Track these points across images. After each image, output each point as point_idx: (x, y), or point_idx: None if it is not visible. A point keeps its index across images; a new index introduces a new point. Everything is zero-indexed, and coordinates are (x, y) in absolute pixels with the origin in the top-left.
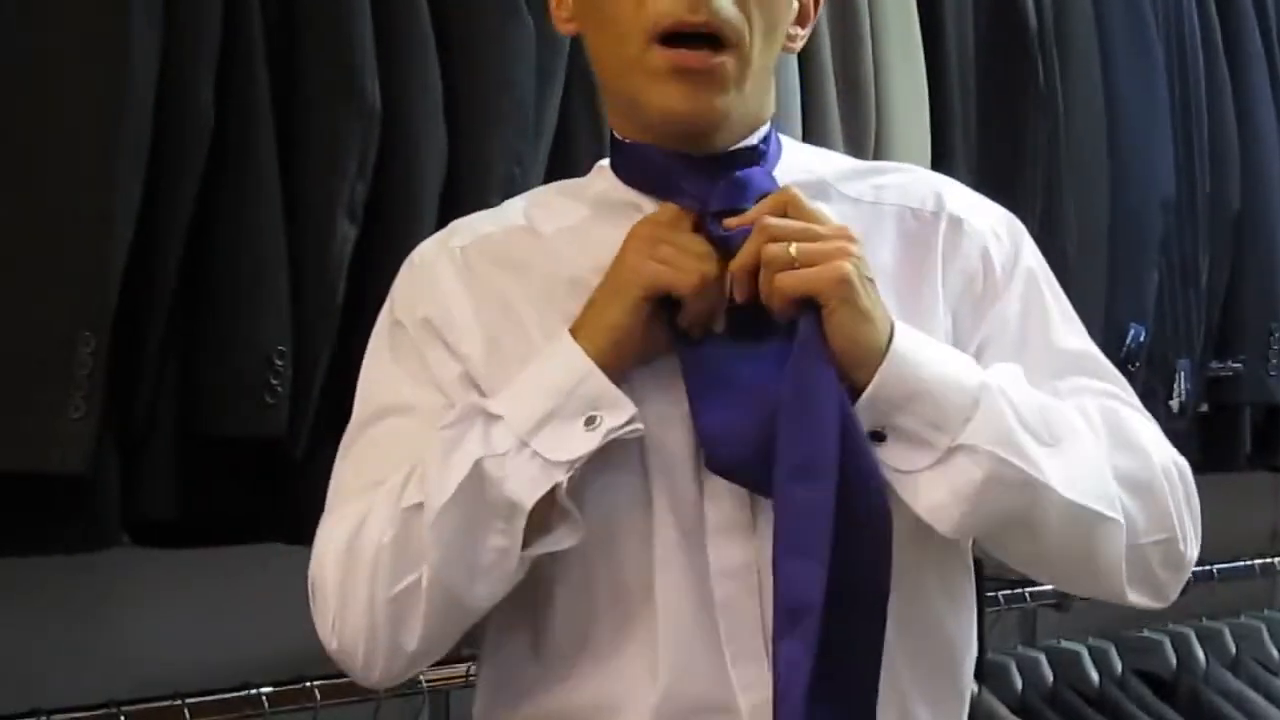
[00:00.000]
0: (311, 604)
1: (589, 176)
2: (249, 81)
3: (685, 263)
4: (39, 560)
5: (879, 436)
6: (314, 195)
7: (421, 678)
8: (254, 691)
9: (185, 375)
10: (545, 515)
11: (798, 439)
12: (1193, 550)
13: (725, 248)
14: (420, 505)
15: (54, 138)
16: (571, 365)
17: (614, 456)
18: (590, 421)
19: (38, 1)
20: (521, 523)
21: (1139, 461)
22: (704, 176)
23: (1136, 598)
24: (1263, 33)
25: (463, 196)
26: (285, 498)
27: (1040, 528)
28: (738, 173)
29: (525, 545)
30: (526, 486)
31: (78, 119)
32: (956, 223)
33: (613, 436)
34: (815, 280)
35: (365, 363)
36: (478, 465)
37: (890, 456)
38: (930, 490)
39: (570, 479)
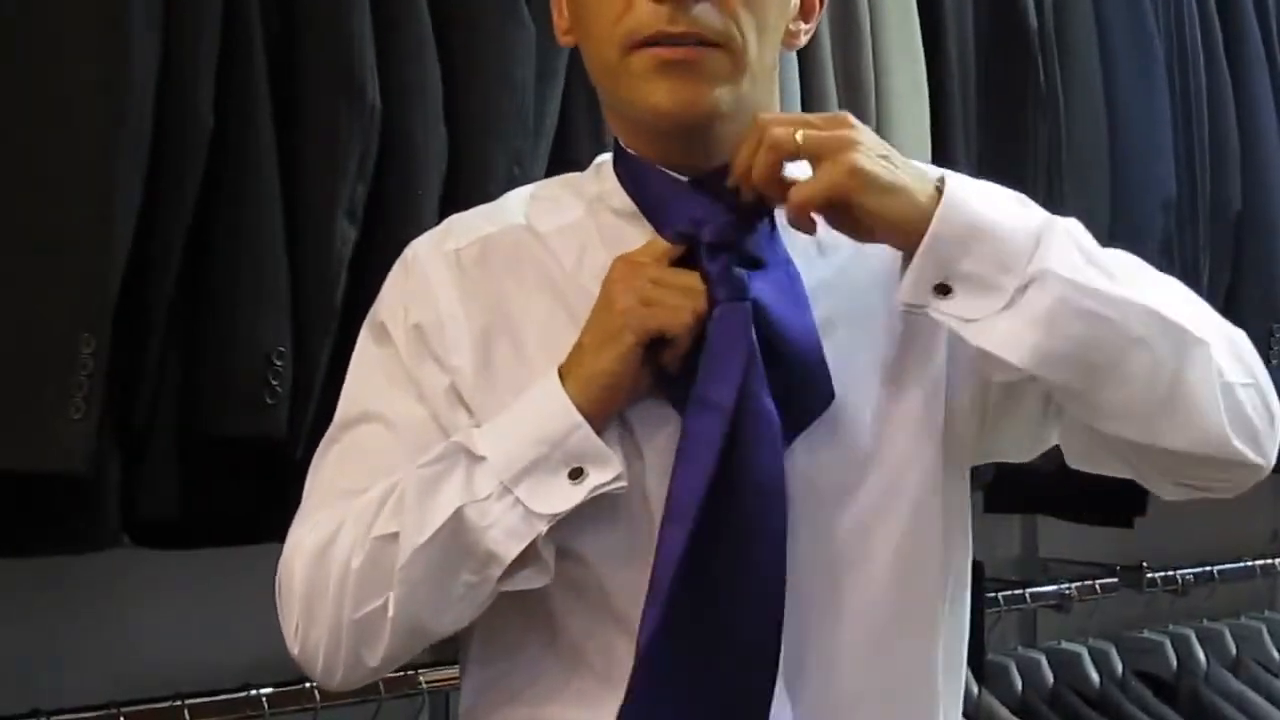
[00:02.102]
0: (277, 600)
1: (589, 172)
2: (249, 82)
3: (676, 301)
4: (39, 560)
5: (944, 289)
6: (314, 195)
7: (421, 678)
8: (254, 692)
9: (185, 375)
10: (525, 560)
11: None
12: (1276, 402)
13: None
14: (393, 536)
15: (54, 138)
16: (559, 415)
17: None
18: (575, 474)
19: (38, 2)
20: (498, 571)
21: (1205, 310)
22: (701, 207)
23: (1240, 445)
24: (1263, 33)
25: (463, 196)
26: (285, 498)
27: (1123, 354)
28: (733, 204)
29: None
30: (508, 539)
31: (78, 119)
32: None
33: (598, 492)
34: (827, 185)
35: (352, 362)
36: (459, 512)
37: (956, 308)
38: (1001, 328)
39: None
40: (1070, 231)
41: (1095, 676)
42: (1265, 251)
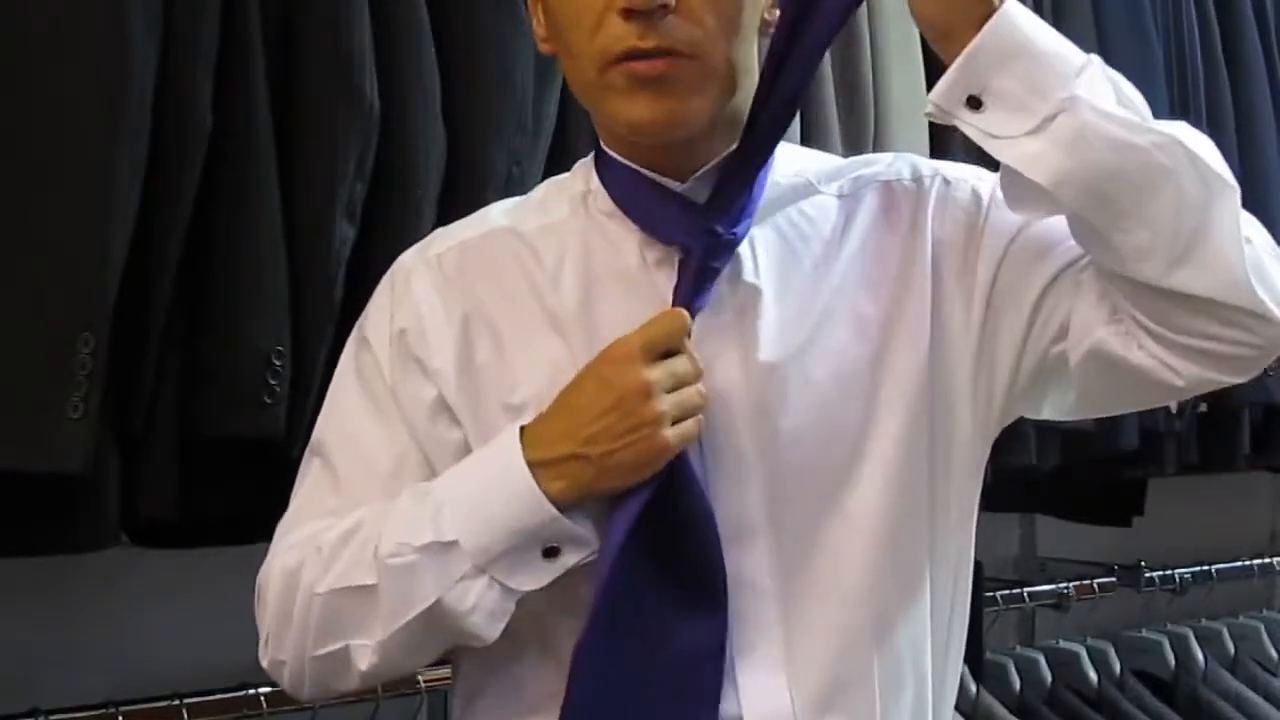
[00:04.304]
0: (255, 603)
1: (574, 172)
2: (248, 82)
3: (693, 400)
4: (39, 560)
5: (975, 103)
6: (313, 196)
7: (420, 678)
8: (252, 692)
9: (184, 375)
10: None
11: None
12: None
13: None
14: (357, 589)
15: (54, 138)
16: (532, 509)
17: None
18: (549, 553)
19: (38, 2)
20: (478, 644)
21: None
22: (683, 224)
23: (1264, 295)
24: (1261, 33)
25: (462, 196)
26: (284, 498)
27: (1149, 184)
28: (719, 226)
29: None
30: (488, 621)
31: (77, 119)
32: (940, 181)
33: (573, 566)
34: None
35: (334, 377)
36: (438, 603)
37: (986, 123)
38: (1027, 147)
39: None
40: (1110, 76)
41: (1093, 676)
42: None
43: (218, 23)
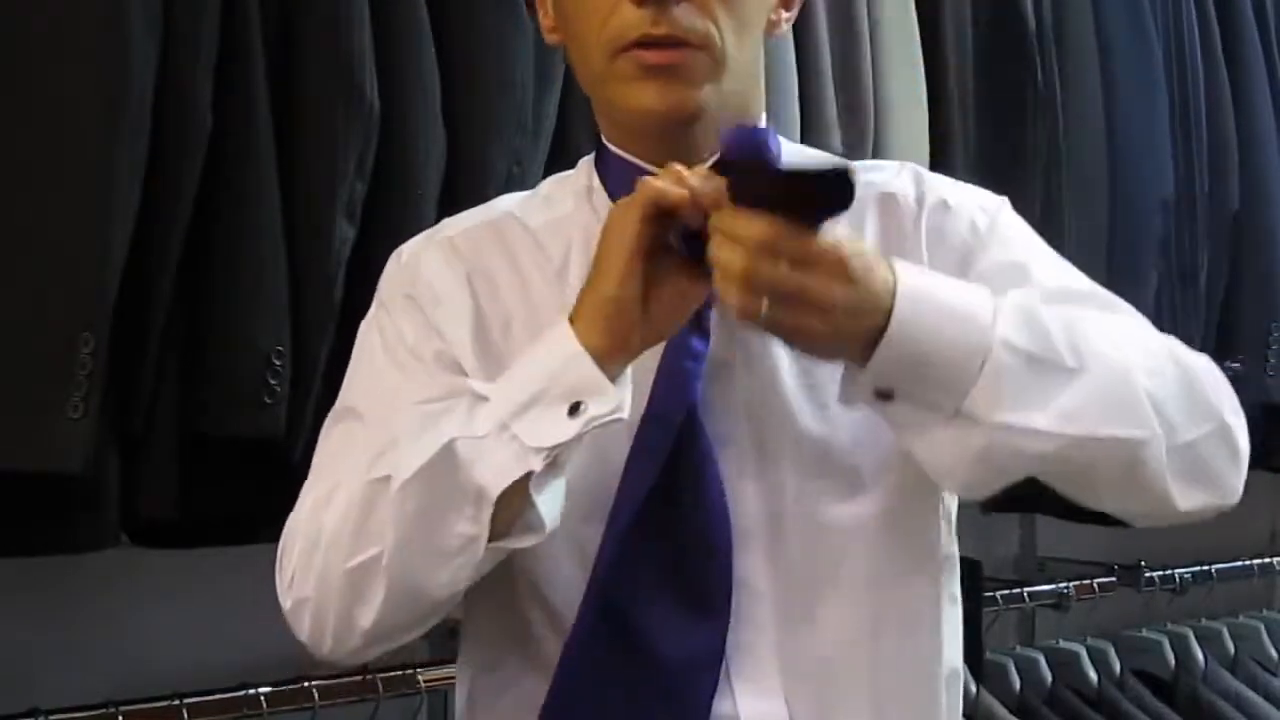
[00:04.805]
0: (277, 567)
1: (579, 168)
2: (248, 82)
3: (668, 178)
4: (39, 560)
5: (886, 395)
6: (313, 196)
7: (420, 678)
8: (252, 691)
9: (184, 375)
10: (520, 511)
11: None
12: (1244, 436)
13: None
14: (387, 479)
15: (54, 138)
16: (559, 350)
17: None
18: (574, 409)
19: (38, 2)
20: (489, 511)
21: (1162, 362)
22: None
23: (1190, 501)
24: (1261, 32)
25: (462, 196)
26: (283, 498)
27: (1069, 469)
28: None
29: (495, 538)
30: (496, 473)
31: (77, 119)
32: (940, 206)
33: (595, 425)
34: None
35: (355, 349)
36: (449, 446)
37: (897, 414)
38: (940, 451)
39: (556, 470)
40: (1010, 343)
41: (1093, 675)
42: (1263, 251)
43: (218, 23)
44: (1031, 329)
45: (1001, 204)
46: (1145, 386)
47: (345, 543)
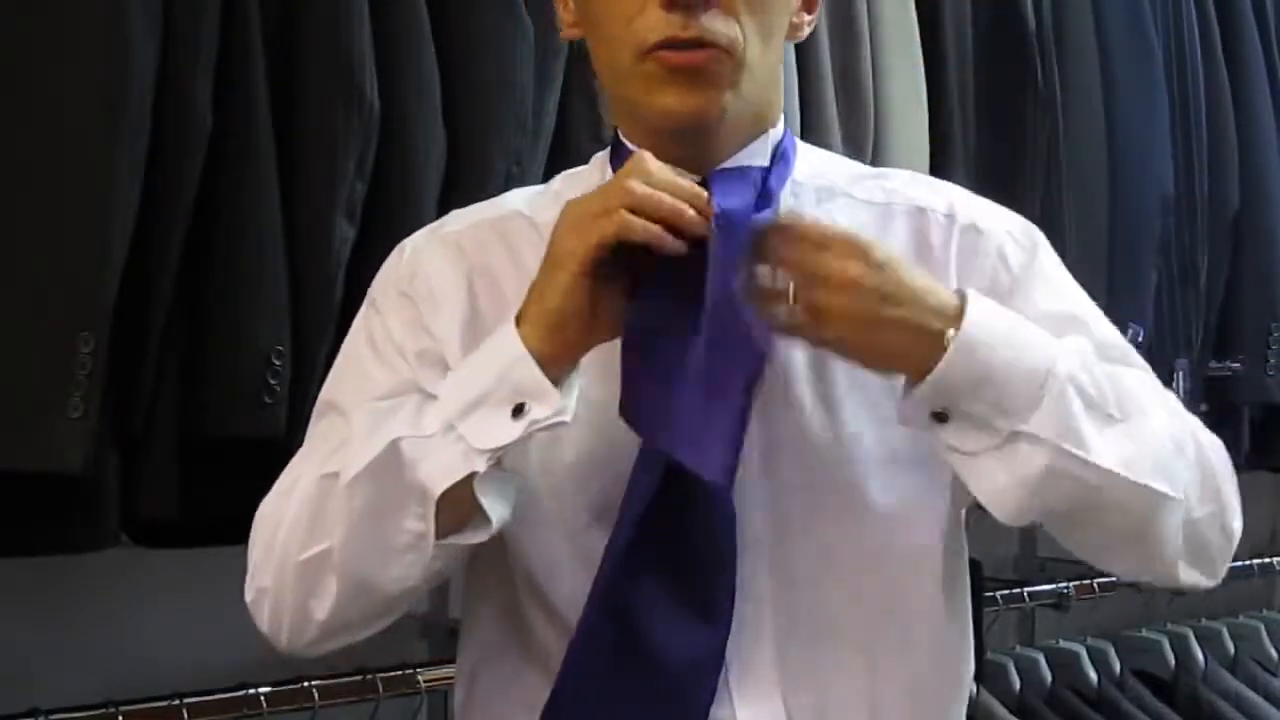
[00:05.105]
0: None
1: (592, 165)
2: (248, 82)
3: (611, 199)
4: (39, 560)
5: (941, 418)
6: (313, 196)
7: (420, 678)
8: (252, 691)
9: (184, 375)
10: (468, 508)
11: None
12: (1238, 522)
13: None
14: (335, 475)
15: (53, 138)
16: (504, 351)
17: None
18: (518, 411)
19: (38, 2)
20: (433, 509)
21: (1186, 436)
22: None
23: (1189, 576)
24: (1261, 32)
25: (462, 196)
26: None
27: (1101, 512)
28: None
29: (444, 535)
30: (439, 472)
31: (77, 120)
32: (972, 229)
33: (537, 428)
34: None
35: (345, 342)
36: (394, 444)
37: (952, 437)
38: (991, 475)
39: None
40: (1074, 376)
41: (1093, 676)
42: (1263, 251)
43: (218, 23)
44: (1088, 372)
45: (1037, 239)
46: (1175, 454)
47: (299, 536)
